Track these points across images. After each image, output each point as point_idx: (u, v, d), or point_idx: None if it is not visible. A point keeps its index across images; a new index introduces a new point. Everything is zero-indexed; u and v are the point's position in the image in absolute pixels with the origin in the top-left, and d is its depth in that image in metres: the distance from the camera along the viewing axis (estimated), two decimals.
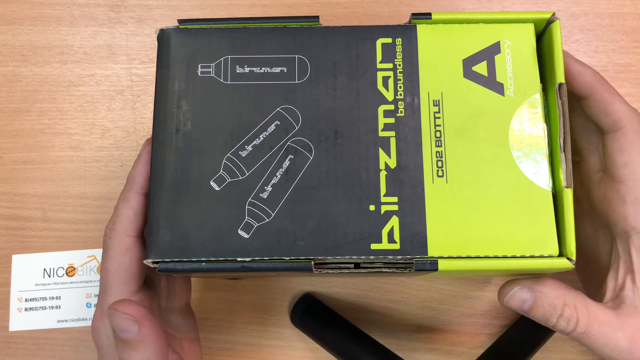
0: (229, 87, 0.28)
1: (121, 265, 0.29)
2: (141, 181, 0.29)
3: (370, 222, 0.27)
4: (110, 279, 0.29)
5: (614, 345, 0.29)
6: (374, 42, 0.29)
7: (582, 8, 0.44)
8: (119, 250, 0.29)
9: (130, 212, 0.29)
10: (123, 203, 0.29)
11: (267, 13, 0.45)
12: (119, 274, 0.29)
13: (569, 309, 0.29)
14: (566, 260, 0.26)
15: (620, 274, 0.30)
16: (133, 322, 0.26)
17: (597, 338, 0.29)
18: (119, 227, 0.29)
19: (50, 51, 0.44)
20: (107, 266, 0.29)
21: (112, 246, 0.29)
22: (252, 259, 0.27)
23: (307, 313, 0.40)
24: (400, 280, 0.41)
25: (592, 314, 0.29)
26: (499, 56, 0.29)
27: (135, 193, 0.29)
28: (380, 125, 0.28)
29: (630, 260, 0.29)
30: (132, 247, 0.29)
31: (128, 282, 0.29)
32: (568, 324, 0.29)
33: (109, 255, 0.29)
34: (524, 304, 0.29)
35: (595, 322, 0.29)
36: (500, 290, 0.30)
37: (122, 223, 0.29)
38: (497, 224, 0.27)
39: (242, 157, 0.28)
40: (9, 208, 0.43)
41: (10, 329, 0.41)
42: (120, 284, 0.29)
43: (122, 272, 0.29)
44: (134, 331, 0.26)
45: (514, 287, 0.29)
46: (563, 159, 0.27)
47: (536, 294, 0.28)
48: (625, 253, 0.30)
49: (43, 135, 0.43)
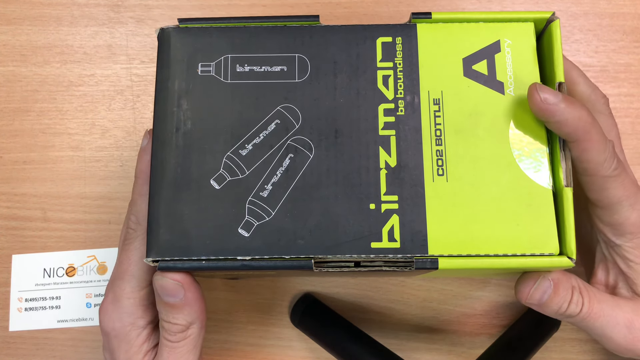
0: (229, 86, 0.29)
1: (141, 255, 0.30)
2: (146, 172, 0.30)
3: (370, 221, 0.27)
4: (132, 269, 0.30)
5: (615, 323, 0.29)
6: (374, 41, 0.29)
7: (582, 8, 0.44)
8: (141, 241, 0.30)
9: (144, 205, 0.29)
10: (141, 197, 0.30)
11: (267, 13, 0.45)
12: (141, 265, 0.30)
13: (576, 292, 0.29)
14: (566, 259, 0.26)
15: (612, 269, 0.31)
16: (180, 287, 0.28)
17: (597, 316, 0.29)
18: (144, 220, 0.29)
19: (50, 51, 0.44)
20: (130, 255, 0.30)
21: (137, 238, 0.30)
22: (252, 258, 0.27)
23: (307, 313, 0.40)
24: (400, 280, 0.41)
25: (591, 294, 0.29)
26: (499, 55, 0.29)
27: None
28: (381, 124, 0.28)
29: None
30: None
31: (147, 272, 0.30)
32: (576, 306, 0.29)
33: (134, 246, 0.30)
34: (544, 295, 0.29)
35: (595, 301, 0.29)
36: (521, 287, 0.29)
37: (141, 212, 0.30)
38: (498, 222, 0.27)
39: (243, 155, 0.28)
40: (9, 208, 0.43)
41: (10, 329, 0.41)
42: (141, 274, 0.30)
43: (144, 264, 0.30)
44: (181, 296, 0.28)
45: (535, 279, 0.29)
46: (563, 158, 0.27)
47: (554, 282, 0.29)
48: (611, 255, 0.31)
49: (43, 135, 0.43)
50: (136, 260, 0.30)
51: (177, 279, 0.28)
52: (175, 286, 0.28)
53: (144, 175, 0.30)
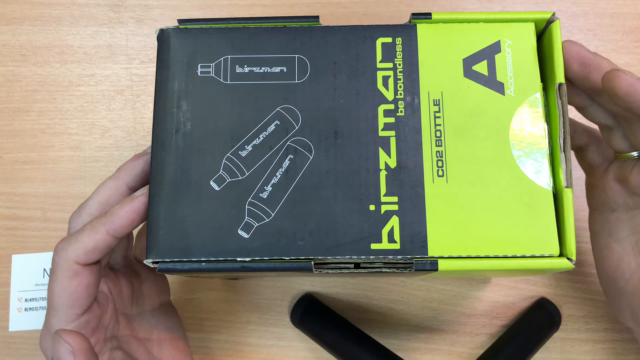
0: (228, 87, 0.28)
1: (66, 289, 0.28)
2: (119, 224, 0.27)
3: (370, 222, 0.27)
4: (55, 302, 0.28)
5: None
6: (374, 41, 0.29)
7: (582, 8, 0.44)
8: (67, 274, 0.28)
9: (91, 245, 0.28)
10: (90, 233, 0.28)
11: (267, 13, 0.45)
12: (64, 297, 0.28)
13: None
14: (566, 261, 0.26)
15: None
16: (70, 353, 0.26)
17: None
18: (72, 252, 0.28)
19: (50, 51, 0.44)
20: (52, 287, 0.28)
21: (59, 268, 0.28)
22: (252, 259, 0.27)
23: (307, 313, 0.40)
24: (400, 280, 0.41)
25: None
26: (500, 55, 0.29)
27: (106, 232, 0.27)
28: (380, 125, 0.28)
29: None
30: (80, 273, 0.28)
31: (72, 306, 0.28)
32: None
33: (56, 275, 0.28)
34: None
35: None
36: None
37: (77, 250, 0.28)
38: (498, 223, 0.27)
39: (242, 157, 0.28)
40: (9, 208, 0.43)
41: (10, 329, 0.41)
42: (64, 307, 0.28)
43: (67, 297, 0.28)
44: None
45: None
46: (563, 159, 0.27)
47: None
48: None
49: (43, 135, 0.43)
50: (59, 293, 0.28)
51: (69, 343, 0.26)
52: (65, 350, 0.26)
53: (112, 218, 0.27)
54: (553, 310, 0.40)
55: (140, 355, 0.32)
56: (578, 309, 0.41)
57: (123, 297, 0.32)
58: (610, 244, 0.33)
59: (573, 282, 0.41)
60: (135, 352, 0.32)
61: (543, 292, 0.41)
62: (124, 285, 0.32)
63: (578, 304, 0.41)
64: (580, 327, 0.40)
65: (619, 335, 0.40)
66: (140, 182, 0.30)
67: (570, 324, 0.41)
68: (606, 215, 0.33)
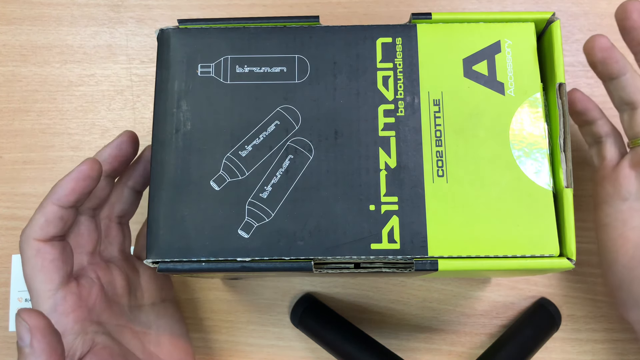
0: (228, 87, 0.28)
1: (34, 267, 0.29)
2: (61, 194, 0.29)
3: (370, 222, 0.27)
4: (30, 284, 0.29)
5: None
6: (374, 41, 0.29)
7: (582, 8, 0.44)
8: (31, 253, 0.29)
9: (42, 219, 0.29)
10: (39, 209, 0.29)
11: (267, 13, 0.45)
12: (34, 276, 0.29)
13: None
14: (566, 261, 0.26)
15: None
16: (27, 331, 0.26)
17: None
18: (29, 231, 0.29)
19: (50, 51, 0.44)
20: (24, 270, 0.30)
21: (23, 250, 0.29)
22: (252, 259, 0.27)
23: (307, 313, 0.40)
24: (400, 280, 0.41)
25: None
26: (500, 55, 0.29)
27: (51, 203, 0.29)
28: (380, 125, 0.28)
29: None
30: (42, 248, 0.29)
31: (44, 281, 0.29)
32: None
33: (23, 259, 0.29)
34: None
35: None
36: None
37: (32, 227, 0.29)
38: (498, 223, 0.27)
39: (242, 157, 0.28)
40: (9, 208, 0.43)
41: (10, 329, 0.41)
42: (38, 285, 0.29)
43: (36, 274, 0.29)
44: (26, 341, 0.26)
45: None
46: (563, 159, 0.27)
47: None
48: None
49: (43, 135, 0.43)
50: (29, 273, 0.29)
51: (27, 321, 0.26)
52: (23, 329, 0.26)
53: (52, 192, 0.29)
54: (553, 310, 0.39)
55: (133, 347, 0.32)
56: (578, 309, 0.41)
57: (116, 286, 0.33)
58: (624, 233, 0.33)
59: (573, 282, 0.41)
60: (129, 344, 0.32)
61: (543, 292, 0.41)
62: (117, 275, 0.33)
63: (578, 304, 0.41)
64: (580, 327, 0.40)
65: (619, 335, 0.40)
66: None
67: (570, 324, 0.41)
68: (617, 206, 0.34)
